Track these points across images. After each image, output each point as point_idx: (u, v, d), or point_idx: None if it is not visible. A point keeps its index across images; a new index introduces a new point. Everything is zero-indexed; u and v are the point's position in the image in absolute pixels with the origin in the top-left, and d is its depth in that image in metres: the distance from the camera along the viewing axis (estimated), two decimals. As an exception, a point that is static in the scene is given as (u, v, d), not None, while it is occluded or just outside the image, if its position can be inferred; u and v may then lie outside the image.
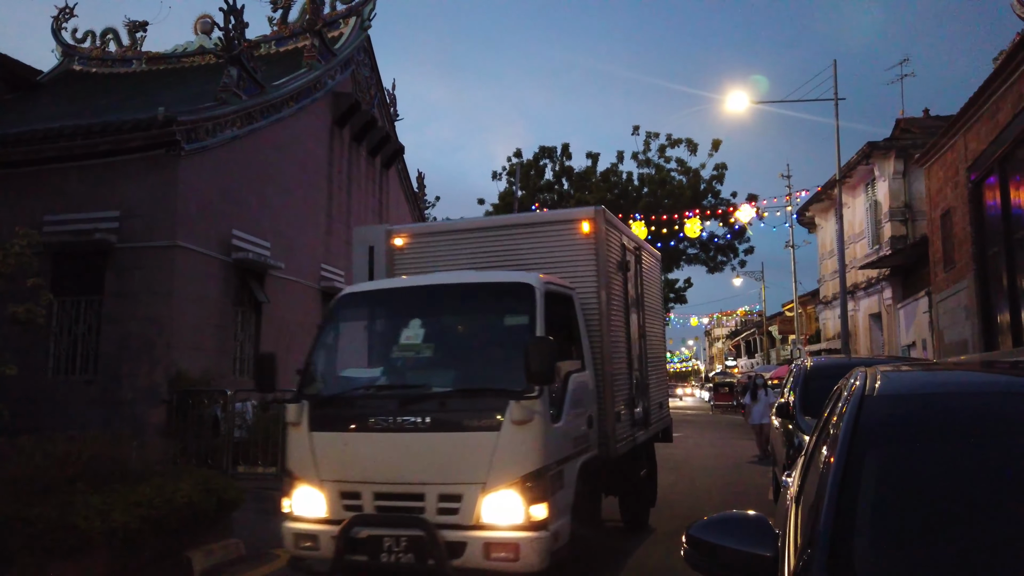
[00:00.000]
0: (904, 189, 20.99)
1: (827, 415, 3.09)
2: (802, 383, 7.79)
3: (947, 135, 14.08)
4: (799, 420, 7.30)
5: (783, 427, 8.04)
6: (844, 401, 2.46)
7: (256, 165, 14.51)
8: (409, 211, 24.36)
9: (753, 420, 16.11)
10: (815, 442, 3.03)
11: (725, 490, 11.07)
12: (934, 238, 15.61)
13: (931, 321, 16.77)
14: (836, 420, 2.41)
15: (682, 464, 14.33)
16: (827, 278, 27.75)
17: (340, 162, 18.74)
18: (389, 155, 21.91)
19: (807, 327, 43.51)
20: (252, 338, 14.38)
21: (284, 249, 15.35)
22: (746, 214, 23.83)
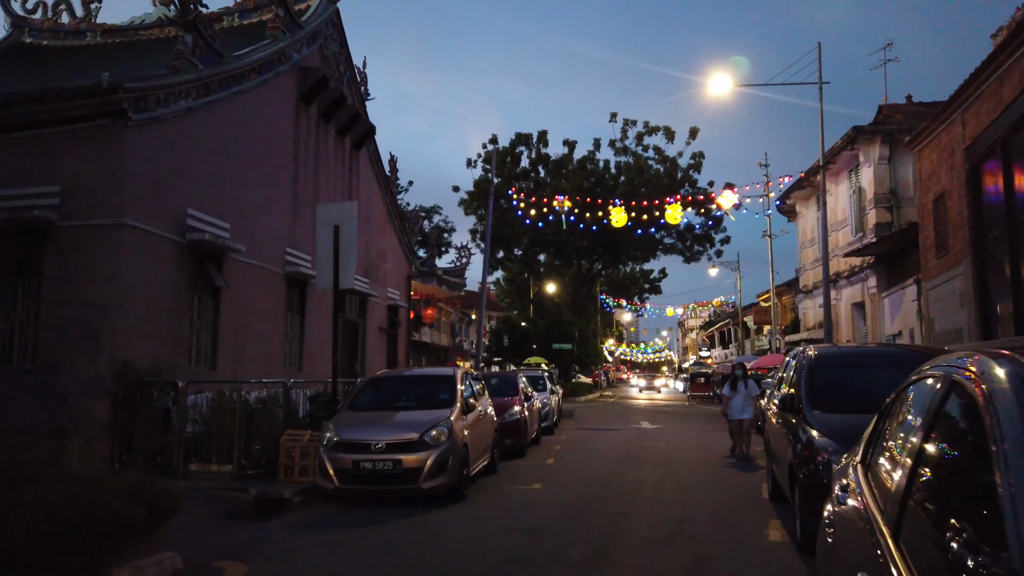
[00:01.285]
0: (890, 175, 20.53)
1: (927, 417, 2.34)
2: (808, 374, 7.11)
3: (942, 116, 13.52)
4: (807, 414, 6.62)
5: (784, 422, 7.36)
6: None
7: (214, 140, 13.53)
8: (380, 195, 23.43)
9: (732, 414, 13.96)
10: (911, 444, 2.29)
11: (715, 487, 10.41)
12: (925, 223, 15.09)
13: (920, 309, 16.29)
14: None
15: (667, 459, 13.68)
16: (808, 267, 27.34)
17: (307, 140, 17.77)
18: (359, 135, 20.97)
19: (783, 317, 43.24)
20: (210, 325, 13.44)
21: (245, 231, 14.40)
22: (728, 199, 23.25)
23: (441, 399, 9.84)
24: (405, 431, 8.84)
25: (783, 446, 7.23)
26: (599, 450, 15.28)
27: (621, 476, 11.42)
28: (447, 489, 8.91)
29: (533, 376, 20.35)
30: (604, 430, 20.59)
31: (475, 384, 11.43)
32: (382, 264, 23.42)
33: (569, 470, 12.26)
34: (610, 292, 70.67)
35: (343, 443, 8.79)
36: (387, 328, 23.82)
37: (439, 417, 9.15)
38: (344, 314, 20.13)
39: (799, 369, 7.44)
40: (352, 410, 9.79)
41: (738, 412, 13.92)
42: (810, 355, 7.52)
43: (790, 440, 6.80)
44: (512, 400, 14.23)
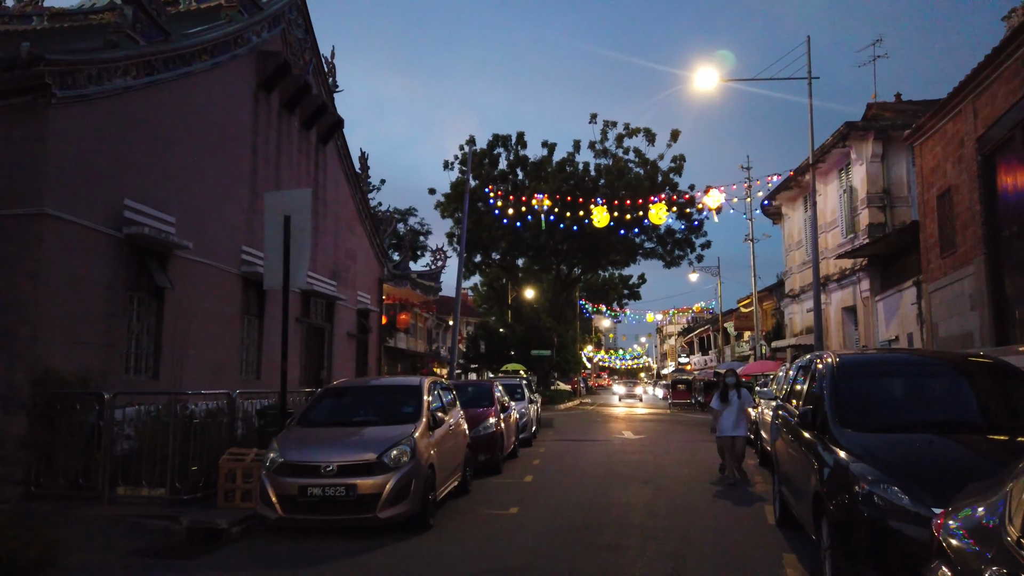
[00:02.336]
0: (883, 173, 19.69)
1: None
2: (832, 385, 6.03)
3: (948, 106, 12.61)
4: (836, 433, 5.53)
5: (801, 441, 6.28)
6: None
7: (158, 125, 12.25)
8: (350, 192, 22.19)
9: (724, 431, 11.47)
10: None
11: (712, 510, 9.32)
12: (927, 221, 14.18)
13: (920, 313, 15.39)
14: None
15: (654, 475, 12.58)
16: (794, 270, 26.49)
17: (267, 131, 16.52)
18: (326, 128, 19.73)
19: (764, 323, 42.49)
20: (152, 329, 12.14)
21: (195, 227, 13.13)
22: (714, 199, 22.31)
23: (405, 413, 8.66)
24: (361, 451, 7.65)
25: (802, 469, 6.14)
26: (581, 464, 14.16)
27: (607, 496, 10.30)
28: (410, 518, 7.73)
29: (510, 384, 19.20)
30: (585, 441, 19.48)
31: (445, 395, 10.26)
32: (351, 266, 22.17)
33: (549, 489, 11.12)
34: (589, 298, 69.79)
35: (288, 465, 7.58)
36: (357, 334, 22.55)
37: (401, 434, 7.97)
38: (309, 318, 18.87)
39: (819, 380, 6.36)
40: (302, 426, 8.58)
41: (730, 428, 11.45)
42: (831, 363, 6.44)
43: (813, 463, 5.71)
44: (487, 411, 13.07)
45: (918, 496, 4.57)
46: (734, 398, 11.65)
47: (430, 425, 8.60)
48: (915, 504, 4.55)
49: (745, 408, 11.81)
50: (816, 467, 5.58)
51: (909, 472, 4.78)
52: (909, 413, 5.87)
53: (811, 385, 6.72)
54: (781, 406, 7.95)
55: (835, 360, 6.45)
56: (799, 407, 6.75)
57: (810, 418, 5.92)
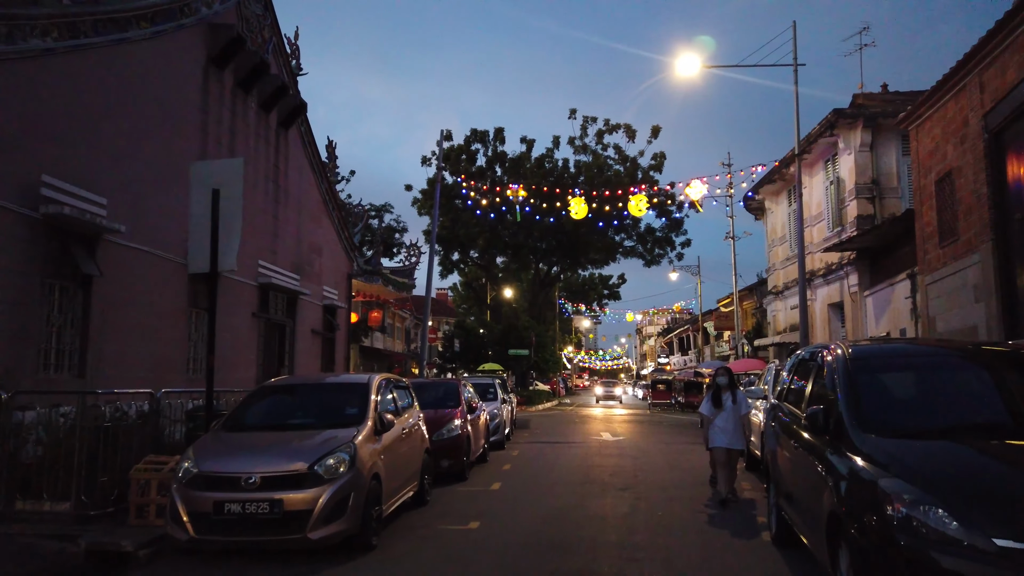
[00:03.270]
0: (872, 163, 18.85)
1: None
2: (847, 382, 5.01)
3: (949, 83, 11.71)
4: (856, 440, 4.50)
5: (809, 448, 5.26)
6: None
7: (87, 96, 11.04)
8: (315, 182, 20.99)
9: (717, 441, 9.63)
10: None
11: (698, 523, 8.30)
12: (924, 209, 13.29)
13: (915, 307, 14.50)
14: None
15: (633, 481, 11.54)
16: (777, 266, 25.65)
17: (219, 111, 15.30)
18: (288, 112, 18.53)
19: (744, 323, 41.71)
20: (77, 323, 10.93)
21: (133, 210, 11.94)
22: (696, 190, 21.39)
23: (348, 415, 7.54)
24: (289, 459, 6.52)
25: (809, 482, 5.12)
26: (554, 470, 13.10)
27: (580, 508, 9.25)
28: (348, 538, 6.62)
29: (482, 384, 18.11)
30: (561, 443, 18.43)
31: (400, 394, 9.14)
32: (317, 259, 20.98)
33: (517, 499, 10.04)
34: (569, 297, 68.87)
35: (203, 477, 6.43)
36: (323, 331, 21.35)
37: (340, 440, 6.85)
38: (267, 314, 17.66)
39: (829, 375, 5.33)
40: (228, 430, 7.43)
41: (725, 438, 9.56)
42: (842, 355, 5.41)
43: (825, 476, 4.69)
44: (451, 413, 11.97)
45: (972, 522, 3.57)
46: (728, 402, 9.68)
47: (377, 428, 7.48)
48: (969, 532, 3.54)
49: (742, 414, 9.81)
50: (830, 480, 4.55)
51: (956, 490, 3.77)
52: (943, 414, 4.86)
53: (817, 382, 5.70)
54: (778, 407, 6.92)
55: (847, 352, 5.43)
56: (804, 408, 5.73)
57: (821, 420, 4.89)
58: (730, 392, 9.81)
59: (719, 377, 10.11)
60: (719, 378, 10.08)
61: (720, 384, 9.93)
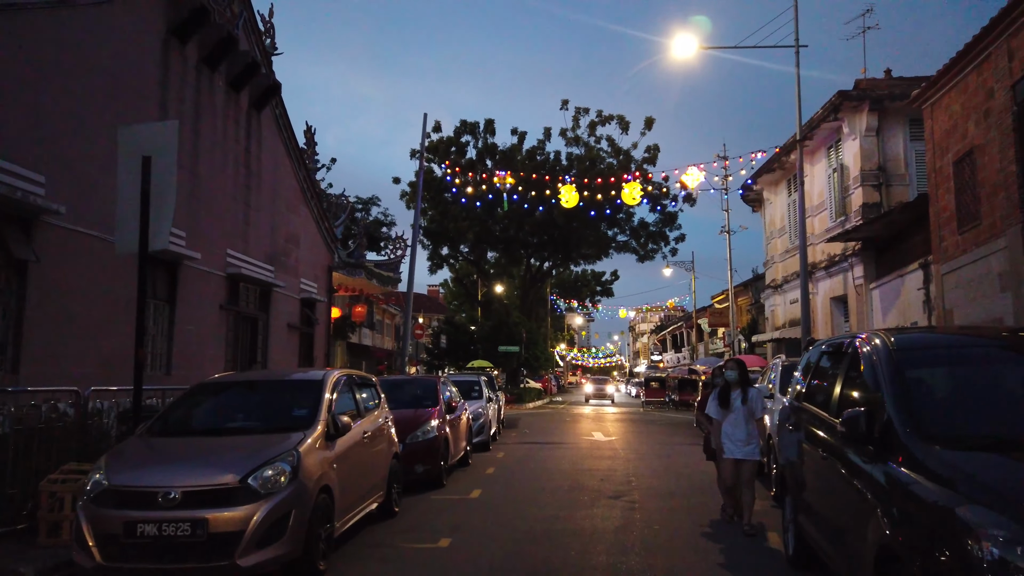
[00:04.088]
0: (878, 149, 17.88)
1: None
2: (894, 378, 4.00)
3: (973, 51, 10.73)
4: (917, 452, 3.50)
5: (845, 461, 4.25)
6: None
7: (20, 64, 9.95)
8: (292, 169, 19.88)
9: (729, 451, 7.82)
10: None
11: (698, 538, 7.29)
12: (940, 192, 12.33)
13: (928, 298, 13.54)
14: None
15: (626, 487, 10.53)
16: (776, 259, 24.69)
17: (181, 88, 14.21)
18: (260, 93, 17.43)
19: (739, 319, 40.81)
20: (11, 314, 9.84)
21: (77, 190, 10.85)
22: (693, 177, 20.39)
23: (296, 417, 6.50)
24: (218, 471, 5.48)
25: (846, 502, 4.12)
26: (541, 474, 12.09)
27: (567, 520, 8.24)
28: (289, 563, 5.58)
29: (466, 381, 17.10)
30: (549, 444, 17.43)
31: (364, 393, 8.10)
32: (294, 250, 19.89)
33: (498, 509, 9.02)
34: (561, 294, 67.90)
35: (114, 492, 5.39)
36: (300, 325, 20.26)
37: (283, 447, 5.82)
38: (237, 306, 16.57)
39: (869, 370, 4.31)
40: (154, 434, 6.37)
41: (737, 447, 7.74)
42: (882, 346, 4.39)
43: (872, 497, 3.68)
44: (428, 413, 10.93)
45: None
46: (737, 403, 7.82)
47: (329, 433, 6.44)
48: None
49: (757, 417, 7.83)
50: (879, 503, 3.55)
51: None
52: (1020, 419, 3.87)
53: (850, 379, 4.68)
54: (798, 409, 5.90)
55: (889, 342, 4.41)
56: (833, 410, 4.72)
57: (863, 427, 3.87)
58: (740, 390, 7.91)
59: (728, 371, 8.15)
60: (728, 372, 8.13)
61: (729, 380, 8.02)
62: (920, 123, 17.84)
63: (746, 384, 8.01)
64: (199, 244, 14.53)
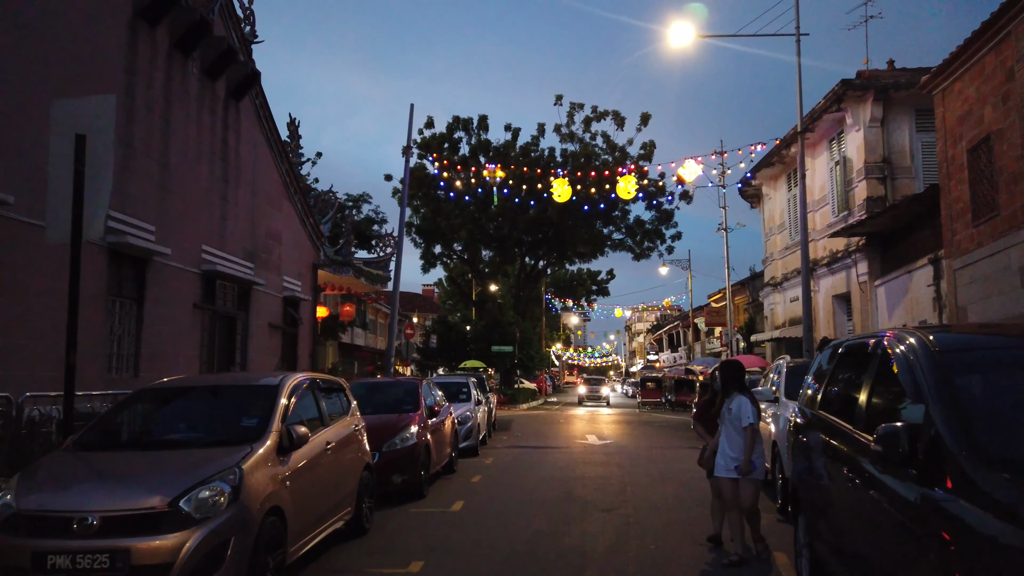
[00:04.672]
0: (883, 140, 17.18)
1: None
2: (942, 386, 3.28)
3: (990, 30, 10.02)
4: (976, 477, 2.78)
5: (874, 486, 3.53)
6: None
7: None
8: (274, 162, 19.12)
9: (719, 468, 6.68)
10: None
11: (703, 558, 6.57)
12: (953, 183, 11.62)
13: (939, 295, 12.84)
14: None
15: (621, 498, 9.80)
16: (776, 256, 23.99)
17: (150, 73, 13.44)
18: (238, 81, 16.67)
19: (736, 319, 40.11)
20: (-48, 312, 9.08)
21: (29, 181, 10.05)
22: (691, 171, 19.66)
23: (244, 428, 5.77)
24: (143, 493, 4.74)
25: (886, 537, 3.39)
26: (531, 483, 11.36)
27: (556, 537, 7.51)
28: (227, 599, 4.84)
29: (454, 383, 16.36)
30: (541, 448, 16.70)
31: (329, 398, 7.35)
32: (276, 247, 19.13)
33: (480, 525, 8.28)
34: (557, 293, 67.18)
35: (23, 517, 4.65)
36: (283, 325, 19.50)
37: (221, 464, 5.08)
38: (213, 305, 15.79)
39: (906, 376, 3.58)
40: (83, 448, 5.62)
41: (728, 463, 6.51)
42: (920, 347, 3.65)
43: (921, 533, 2.95)
44: (407, 418, 10.18)
45: None
46: (734, 411, 6.46)
47: (283, 445, 5.70)
48: None
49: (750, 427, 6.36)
50: (933, 542, 2.82)
51: None
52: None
53: (880, 385, 3.96)
54: (814, 418, 5.17)
55: (929, 342, 3.67)
56: (858, 421, 4.00)
57: (904, 445, 3.14)
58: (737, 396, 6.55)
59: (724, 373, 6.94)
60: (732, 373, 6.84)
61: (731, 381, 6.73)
62: (927, 113, 17.18)
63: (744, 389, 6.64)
64: (170, 239, 13.76)
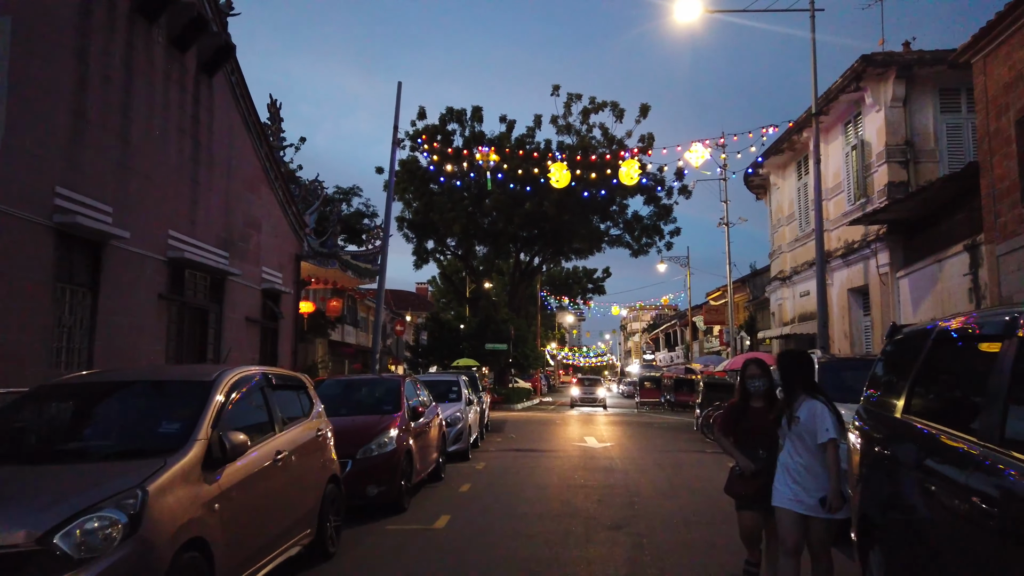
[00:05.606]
0: (905, 122, 15.99)
1: None
2: None
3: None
4: None
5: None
6: None
7: None
8: (252, 144, 17.82)
9: (785, 498, 4.59)
10: None
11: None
12: (996, 159, 10.44)
13: (976, 285, 11.66)
14: None
15: (630, 514, 8.57)
16: (784, 249, 22.80)
17: (106, 38, 12.12)
18: (211, 54, 15.36)
19: (736, 317, 38.98)
20: None
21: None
22: (697, 156, 18.43)
23: (163, 436, 4.54)
24: (3, 525, 3.49)
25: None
26: (526, 493, 10.13)
27: (555, 564, 6.29)
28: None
29: (444, 381, 15.14)
30: (537, 452, 15.47)
31: (284, 398, 6.10)
32: (253, 236, 17.83)
33: (467, 548, 7.05)
34: (552, 291, 65.99)
35: None
36: (261, 319, 18.22)
37: (117, 485, 3.83)
38: (181, 296, 14.51)
39: None
40: (-49, 462, 4.37)
41: (796, 492, 4.57)
42: None
43: None
44: (386, 421, 8.93)
45: None
46: (809, 418, 4.56)
47: (212, 457, 4.46)
48: None
49: (832, 442, 4.46)
50: None
51: None
52: None
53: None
54: (896, 424, 3.95)
55: None
56: (994, 436, 2.80)
57: None
58: (802, 402, 4.63)
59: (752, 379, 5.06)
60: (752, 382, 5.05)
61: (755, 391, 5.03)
62: (953, 93, 16.04)
63: (812, 391, 4.68)
64: (131, 222, 12.46)
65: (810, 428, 4.51)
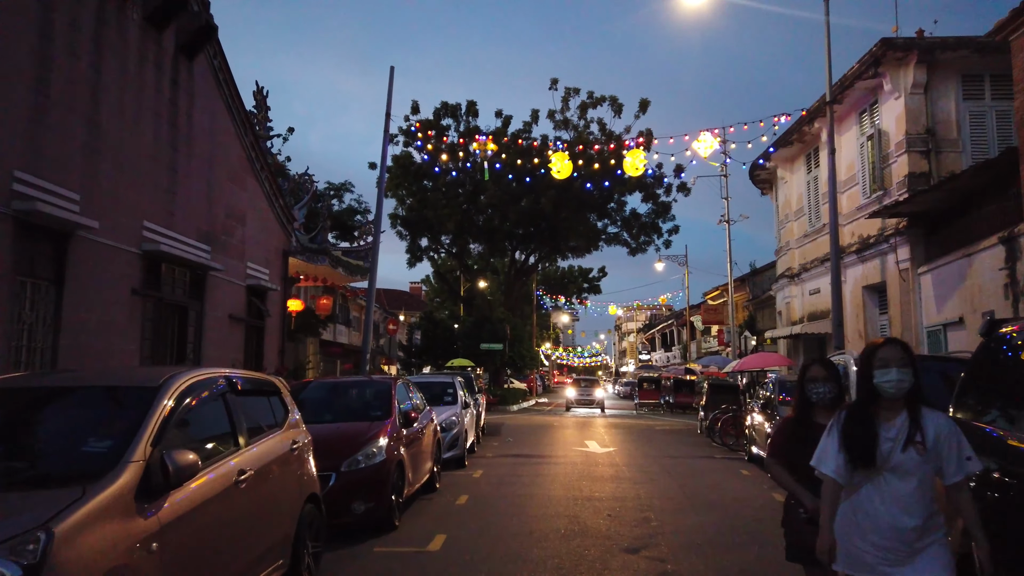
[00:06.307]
0: (926, 110, 15.16)
1: None
2: None
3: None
4: None
5: None
6: None
7: None
8: (236, 132, 16.86)
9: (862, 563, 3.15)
10: None
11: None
12: (1041, 143, 9.60)
13: (1013, 279, 10.82)
14: None
15: (649, 533, 7.68)
16: (792, 245, 21.95)
17: (74, 10, 11.20)
18: (191, 34, 14.42)
19: (736, 317, 38.18)
20: None
21: None
22: (706, 145, 17.50)
23: (86, 456, 3.63)
24: None
25: None
26: (530, 505, 9.23)
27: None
28: None
29: (438, 383, 14.24)
30: (537, 458, 14.56)
31: (251, 406, 5.19)
32: (237, 229, 16.87)
33: (467, 573, 6.14)
34: (548, 291, 65.12)
35: None
36: (246, 317, 17.27)
37: (16, 525, 2.93)
38: (158, 292, 13.55)
39: None
40: None
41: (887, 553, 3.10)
42: None
43: None
44: (374, 429, 8.01)
45: None
46: (937, 438, 3.12)
47: (151, 484, 3.56)
48: None
49: (950, 482, 3.12)
50: None
51: None
52: None
53: None
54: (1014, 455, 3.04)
55: None
56: None
57: None
58: (928, 411, 3.18)
59: (814, 384, 3.80)
60: (816, 388, 3.79)
61: (816, 398, 3.78)
62: (976, 79, 15.22)
63: (916, 402, 3.17)
64: (101, 211, 11.51)
65: (938, 452, 3.08)
